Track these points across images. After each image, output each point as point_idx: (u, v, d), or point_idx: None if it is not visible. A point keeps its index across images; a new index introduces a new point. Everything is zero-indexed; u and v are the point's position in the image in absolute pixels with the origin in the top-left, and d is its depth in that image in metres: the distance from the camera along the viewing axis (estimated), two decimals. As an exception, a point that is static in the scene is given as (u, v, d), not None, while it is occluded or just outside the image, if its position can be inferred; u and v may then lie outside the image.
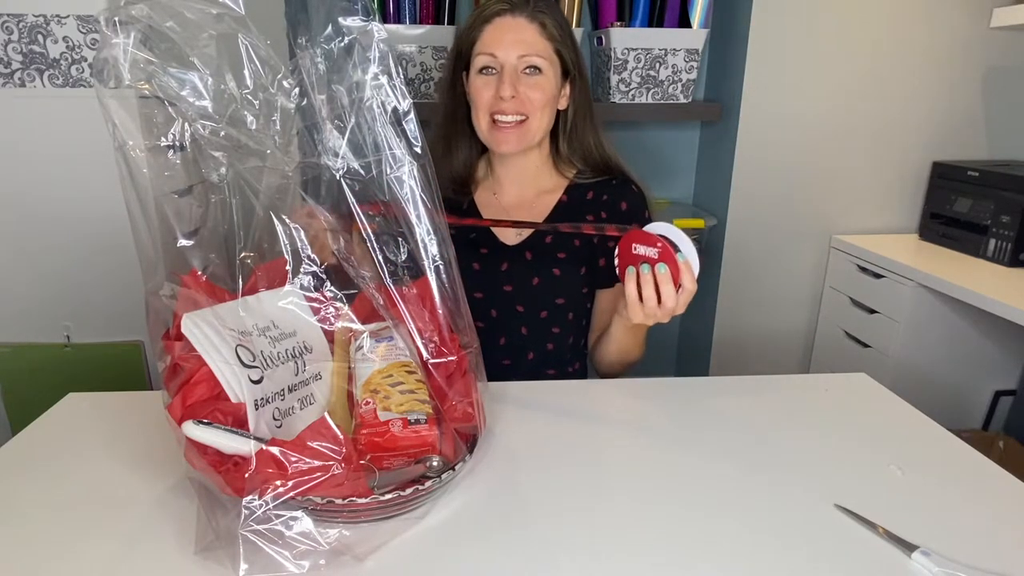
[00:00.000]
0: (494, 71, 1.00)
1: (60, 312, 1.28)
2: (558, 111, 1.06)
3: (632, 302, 0.83)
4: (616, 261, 0.84)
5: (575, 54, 1.04)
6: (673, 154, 1.98)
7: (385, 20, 1.62)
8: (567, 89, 1.05)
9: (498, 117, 1.01)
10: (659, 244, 0.79)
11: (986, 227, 1.57)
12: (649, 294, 0.80)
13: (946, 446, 0.82)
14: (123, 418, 0.85)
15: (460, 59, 1.05)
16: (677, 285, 0.80)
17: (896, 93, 1.72)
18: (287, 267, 0.70)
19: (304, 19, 0.66)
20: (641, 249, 0.81)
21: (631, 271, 0.82)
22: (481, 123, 1.03)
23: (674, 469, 0.76)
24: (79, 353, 1.31)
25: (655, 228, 0.81)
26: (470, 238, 1.09)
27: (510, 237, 1.09)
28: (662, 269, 0.79)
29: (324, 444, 0.59)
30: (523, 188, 1.11)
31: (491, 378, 0.97)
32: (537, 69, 0.99)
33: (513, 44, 0.98)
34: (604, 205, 1.10)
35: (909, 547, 0.62)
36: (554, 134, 1.09)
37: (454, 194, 1.10)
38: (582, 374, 1.18)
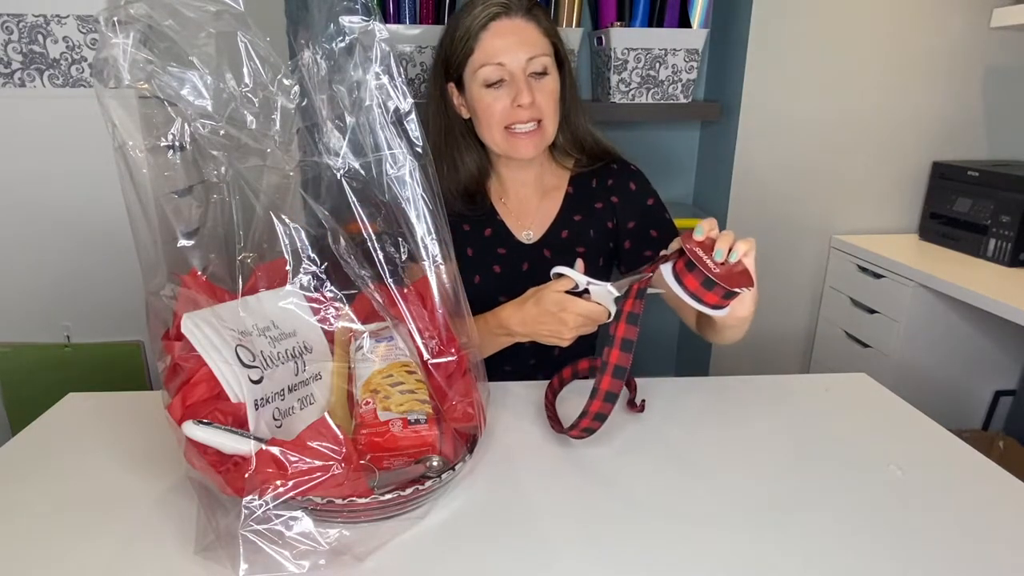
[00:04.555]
0: (503, 80, 0.95)
1: (60, 312, 1.28)
2: None
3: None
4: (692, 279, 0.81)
5: (561, 40, 1.00)
6: (673, 154, 1.97)
7: (385, 20, 1.61)
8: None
9: (516, 126, 0.97)
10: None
11: (986, 227, 1.57)
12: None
13: (946, 446, 0.82)
14: (123, 418, 0.85)
15: (450, 71, 1.00)
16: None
17: (896, 93, 1.72)
18: (287, 267, 0.70)
19: (304, 17, 0.66)
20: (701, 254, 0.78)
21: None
22: (495, 135, 0.99)
23: (673, 469, 0.76)
24: (79, 353, 1.31)
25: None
26: (486, 236, 1.07)
27: (526, 236, 1.08)
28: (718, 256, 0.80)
29: (324, 444, 0.59)
30: (529, 190, 1.10)
31: (519, 378, 0.97)
32: (545, 70, 0.96)
33: (519, 47, 0.93)
34: (612, 190, 1.09)
35: None
36: None
37: (464, 207, 1.06)
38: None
